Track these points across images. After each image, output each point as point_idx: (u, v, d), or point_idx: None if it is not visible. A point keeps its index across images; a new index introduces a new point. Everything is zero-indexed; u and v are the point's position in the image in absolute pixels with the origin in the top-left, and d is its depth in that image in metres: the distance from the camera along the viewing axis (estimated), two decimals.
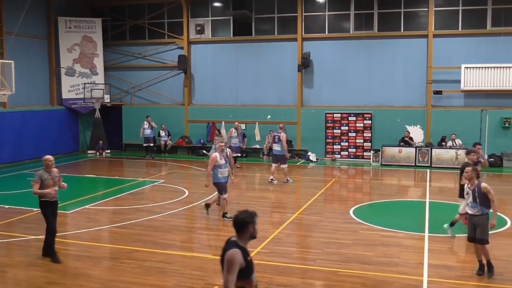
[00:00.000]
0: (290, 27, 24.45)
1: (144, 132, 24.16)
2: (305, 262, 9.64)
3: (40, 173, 9.51)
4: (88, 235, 11.47)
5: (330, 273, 8.93)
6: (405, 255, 9.90)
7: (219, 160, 12.66)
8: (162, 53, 26.59)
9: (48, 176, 9.53)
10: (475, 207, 8.83)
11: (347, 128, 23.66)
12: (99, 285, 8.50)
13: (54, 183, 9.60)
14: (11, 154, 22.30)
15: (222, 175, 12.73)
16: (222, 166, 12.71)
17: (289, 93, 24.55)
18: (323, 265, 9.37)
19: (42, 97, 25.07)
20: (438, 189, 17.10)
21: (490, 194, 8.77)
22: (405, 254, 9.99)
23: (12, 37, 21.66)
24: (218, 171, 12.66)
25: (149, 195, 16.00)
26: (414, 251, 10.20)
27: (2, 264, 9.51)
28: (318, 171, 21.72)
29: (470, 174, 8.97)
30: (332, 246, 10.53)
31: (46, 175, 9.53)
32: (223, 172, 12.75)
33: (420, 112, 22.79)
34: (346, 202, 15.27)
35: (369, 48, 23.42)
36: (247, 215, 5.13)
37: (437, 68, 22.42)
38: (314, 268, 9.25)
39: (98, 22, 26.57)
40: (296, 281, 8.65)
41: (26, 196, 15.74)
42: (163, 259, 9.72)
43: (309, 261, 9.71)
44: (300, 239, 11.49)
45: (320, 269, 9.19)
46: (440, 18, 22.52)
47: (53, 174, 9.64)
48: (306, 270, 9.20)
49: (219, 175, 12.68)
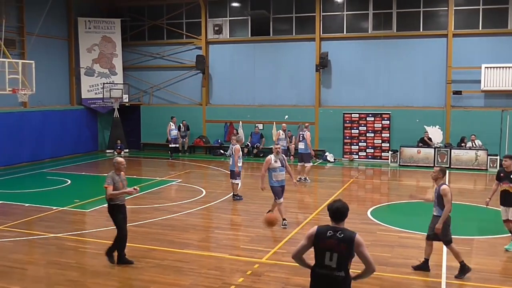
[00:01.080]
0: (308, 27, 24.39)
1: (171, 133, 24.18)
2: None
3: (112, 175, 9.26)
4: (107, 233, 11.54)
5: None
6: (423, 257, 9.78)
7: (273, 162, 12.13)
8: (180, 53, 26.71)
9: (118, 178, 9.32)
10: (435, 207, 8.93)
11: (365, 128, 23.53)
12: (116, 283, 8.57)
13: (123, 186, 9.35)
14: (32, 153, 22.58)
15: (276, 179, 12.13)
16: (276, 169, 12.13)
17: (307, 93, 24.50)
18: None
19: (62, 97, 25.35)
20: (457, 191, 16.87)
21: (445, 198, 8.68)
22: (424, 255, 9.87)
23: (33, 38, 21.93)
24: (272, 175, 12.13)
25: (167, 195, 16.08)
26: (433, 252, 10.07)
27: (22, 261, 9.63)
28: (335, 171, 21.64)
29: (436, 174, 8.97)
30: None
31: (117, 178, 9.30)
32: (277, 175, 12.14)
33: (439, 113, 22.57)
34: (364, 203, 15.17)
35: (388, 48, 23.26)
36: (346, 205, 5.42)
37: (456, 68, 22.18)
38: None
39: (117, 23, 26.78)
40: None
41: (45, 195, 16.00)
42: (180, 258, 9.76)
43: None
44: None
45: None
46: (460, 17, 22.28)
47: (122, 177, 9.42)
48: None
49: (273, 178, 12.12)
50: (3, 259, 9.51)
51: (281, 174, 12.18)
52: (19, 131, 21.84)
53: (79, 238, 11.18)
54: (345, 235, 5.21)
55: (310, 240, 5.34)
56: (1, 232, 11.55)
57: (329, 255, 5.20)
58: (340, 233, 5.23)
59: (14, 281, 8.63)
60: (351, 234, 5.22)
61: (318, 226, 5.40)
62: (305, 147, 18.10)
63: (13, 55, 20.94)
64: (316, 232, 5.33)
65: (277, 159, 12.19)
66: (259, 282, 8.52)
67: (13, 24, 21.93)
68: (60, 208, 13.91)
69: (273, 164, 12.13)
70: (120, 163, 9.41)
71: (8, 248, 10.41)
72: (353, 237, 5.19)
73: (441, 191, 8.76)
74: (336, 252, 5.18)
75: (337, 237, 5.21)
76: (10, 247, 10.54)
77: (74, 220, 12.99)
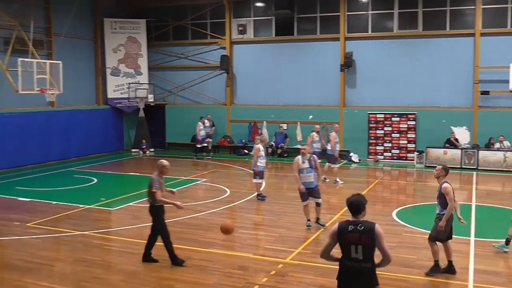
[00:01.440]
0: (332, 26, 24.26)
1: (200, 133, 24.29)
2: None
3: (158, 179, 9.25)
4: (132, 232, 11.67)
5: None
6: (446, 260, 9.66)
7: (301, 163, 11.93)
8: (205, 53, 26.83)
9: (162, 181, 9.36)
10: (437, 205, 8.92)
11: (390, 128, 23.30)
12: (141, 281, 8.64)
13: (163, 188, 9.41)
14: (59, 152, 22.94)
15: (302, 180, 11.96)
16: (303, 170, 11.91)
17: (331, 93, 24.36)
18: None
19: (88, 97, 25.70)
20: (485, 193, 16.63)
21: (448, 196, 8.65)
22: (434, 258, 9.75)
23: (60, 38, 22.26)
24: (300, 176, 11.97)
25: (192, 194, 16.16)
26: (459, 255, 9.94)
27: (49, 258, 9.79)
28: (360, 172, 21.48)
29: (439, 173, 8.96)
30: None
31: (162, 181, 9.32)
32: (304, 177, 11.94)
33: (466, 113, 22.23)
34: (389, 204, 15.03)
35: (414, 47, 23.00)
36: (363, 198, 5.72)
37: (484, 68, 21.82)
38: None
39: (142, 23, 27.03)
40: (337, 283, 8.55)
41: (72, 193, 16.22)
42: (205, 257, 9.80)
43: None
44: None
45: None
46: (488, 16, 21.90)
47: (163, 180, 9.45)
48: None
49: (301, 180, 11.96)
50: (31, 255, 9.67)
51: (308, 175, 11.93)
52: (47, 131, 22.21)
53: (105, 236, 11.31)
54: (365, 227, 5.48)
55: (334, 238, 5.58)
56: (29, 229, 11.76)
57: (354, 248, 5.46)
58: (360, 225, 5.49)
59: (42, 278, 8.77)
60: (371, 225, 5.50)
61: (339, 223, 5.65)
62: (331, 148, 18.12)
63: (41, 56, 21.31)
64: (337, 228, 5.58)
65: (304, 160, 11.97)
66: (283, 283, 8.50)
67: (41, 25, 22.31)
68: (87, 206, 14.10)
69: (300, 165, 11.94)
70: (164, 167, 9.37)
71: (36, 245, 10.60)
72: (373, 228, 5.49)
73: (442, 190, 8.73)
74: (360, 244, 5.44)
75: (358, 230, 5.47)
76: (38, 244, 10.73)
77: (100, 218, 13.15)
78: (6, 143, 20.33)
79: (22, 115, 21.10)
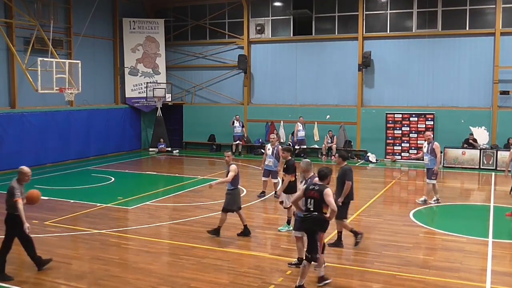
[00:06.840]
0: (350, 26, 24.14)
1: (235, 130, 24.88)
2: (363, 264, 9.49)
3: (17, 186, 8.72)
4: (148, 230, 11.74)
5: (389, 276, 8.76)
6: (467, 261, 9.57)
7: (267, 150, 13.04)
8: (223, 53, 26.88)
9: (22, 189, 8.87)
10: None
11: (408, 129, 23.12)
12: (157, 279, 8.69)
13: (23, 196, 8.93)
14: (78, 150, 23.15)
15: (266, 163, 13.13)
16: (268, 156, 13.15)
17: (349, 92, 24.24)
18: (381, 268, 9.21)
19: (106, 96, 25.90)
20: (504, 193, 16.38)
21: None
22: (468, 259, 9.66)
23: (79, 38, 22.47)
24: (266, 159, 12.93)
25: (208, 193, 16.15)
26: (477, 256, 9.85)
27: (67, 256, 9.88)
28: (377, 172, 21.35)
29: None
30: (391, 249, 10.32)
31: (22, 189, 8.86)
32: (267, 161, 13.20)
33: (485, 113, 21.96)
34: (406, 205, 14.89)
35: (433, 47, 22.78)
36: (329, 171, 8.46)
37: (504, 67, 21.53)
38: (372, 270, 9.11)
39: (160, 23, 27.17)
40: (354, 283, 8.54)
41: (90, 192, 16.37)
42: (220, 257, 9.83)
43: (367, 263, 9.55)
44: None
45: (378, 271, 9.03)
46: (508, 15, 21.60)
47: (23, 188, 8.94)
48: (364, 272, 9.06)
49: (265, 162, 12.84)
50: (49, 253, 9.78)
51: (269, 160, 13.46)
52: (66, 129, 22.43)
53: (122, 235, 11.39)
54: (319, 188, 8.09)
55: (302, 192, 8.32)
56: (48, 227, 11.89)
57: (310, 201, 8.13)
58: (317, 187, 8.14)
59: (60, 275, 8.87)
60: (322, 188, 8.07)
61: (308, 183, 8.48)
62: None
63: (60, 55, 21.54)
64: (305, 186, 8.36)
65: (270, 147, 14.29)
66: None
67: (60, 25, 22.55)
68: (104, 205, 14.22)
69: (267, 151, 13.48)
70: (25, 174, 8.81)
71: (54, 243, 10.71)
72: (323, 189, 8.02)
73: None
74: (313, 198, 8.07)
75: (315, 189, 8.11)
76: (56, 242, 10.84)
77: (118, 217, 13.25)
78: (25, 141, 20.55)
79: (41, 114, 21.33)
